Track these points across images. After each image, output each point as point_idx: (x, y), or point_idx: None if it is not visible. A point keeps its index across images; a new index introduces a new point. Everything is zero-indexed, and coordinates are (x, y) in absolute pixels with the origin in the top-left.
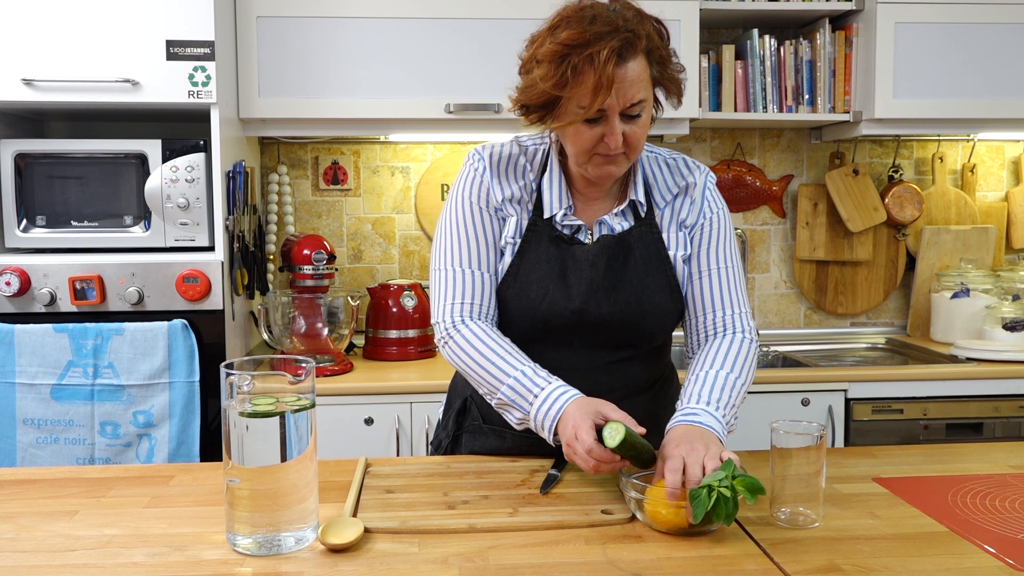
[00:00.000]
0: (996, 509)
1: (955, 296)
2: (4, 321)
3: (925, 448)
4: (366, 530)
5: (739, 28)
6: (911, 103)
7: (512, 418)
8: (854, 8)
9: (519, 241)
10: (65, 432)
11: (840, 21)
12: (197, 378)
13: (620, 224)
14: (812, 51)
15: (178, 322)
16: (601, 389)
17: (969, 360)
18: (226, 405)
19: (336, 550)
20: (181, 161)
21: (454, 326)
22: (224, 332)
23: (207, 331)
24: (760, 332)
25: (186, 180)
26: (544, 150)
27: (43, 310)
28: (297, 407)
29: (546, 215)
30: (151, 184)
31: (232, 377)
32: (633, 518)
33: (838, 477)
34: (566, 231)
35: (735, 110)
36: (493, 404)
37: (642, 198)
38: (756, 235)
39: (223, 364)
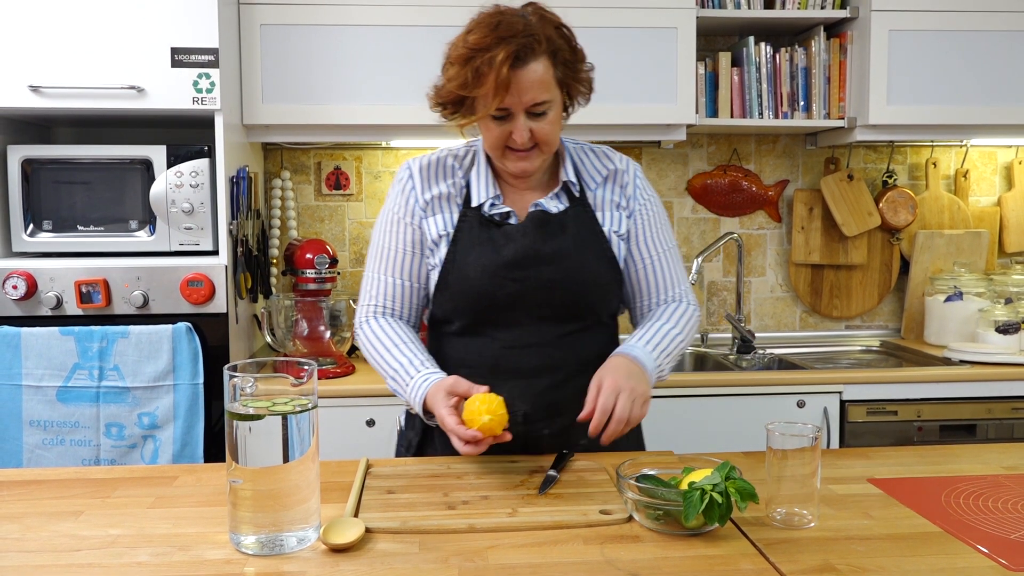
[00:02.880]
0: (989, 509)
1: (948, 299)
2: (11, 324)
3: (919, 449)
4: (367, 530)
5: (735, 36)
6: (905, 109)
7: (407, 407)
8: (849, 16)
9: (452, 231)
10: (71, 434)
11: (835, 29)
12: (201, 380)
13: (555, 207)
14: (807, 58)
15: (182, 325)
16: (555, 363)
17: (962, 362)
18: (229, 407)
19: (338, 550)
20: (186, 167)
21: (365, 322)
22: (228, 335)
23: (211, 334)
24: (756, 335)
25: (190, 185)
26: (474, 150)
27: (49, 313)
28: (299, 409)
29: (474, 204)
30: (156, 189)
31: (235, 379)
32: (631, 518)
33: (833, 478)
34: (496, 217)
35: (731, 116)
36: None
37: (574, 179)
38: (752, 239)
39: (226, 366)
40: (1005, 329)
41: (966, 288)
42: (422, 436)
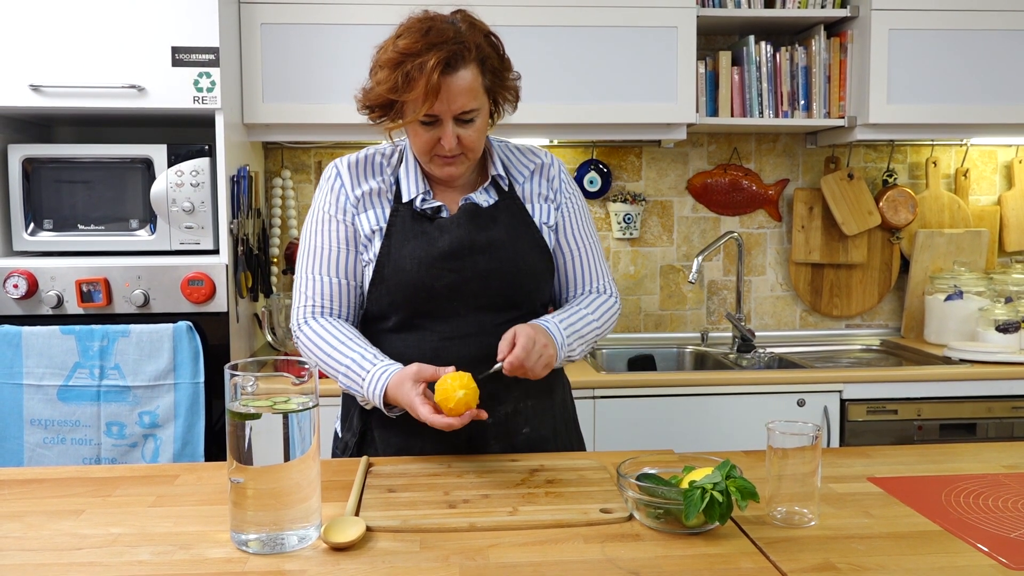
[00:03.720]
0: (989, 508)
1: (948, 298)
2: (12, 323)
3: (919, 448)
4: (368, 529)
5: (736, 35)
6: (905, 108)
7: (361, 402)
8: (849, 15)
9: (385, 226)
10: (72, 432)
11: (835, 28)
12: (202, 379)
13: (485, 201)
14: (807, 57)
15: (183, 324)
16: (494, 352)
17: (962, 361)
18: (230, 406)
19: (339, 549)
20: (186, 166)
21: (305, 323)
22: (228, 334)
23: (212, 333)
24: (756, 334)
25: (191, 184)
26: (401, 148)
27: (50, 312)
28: (300, 408)
29: (404, 200)
30: (157, 188)
31: (236, 378)
32: (631, 517)
33: (833, 477)
34: (428, 211)
35: (732, 115)
36: (343, 391)
37: (502, 173)
38: (752, 238)
39: (227, 365)
40: (1005, 328)
41: (966, 287)
42: (359, 438)
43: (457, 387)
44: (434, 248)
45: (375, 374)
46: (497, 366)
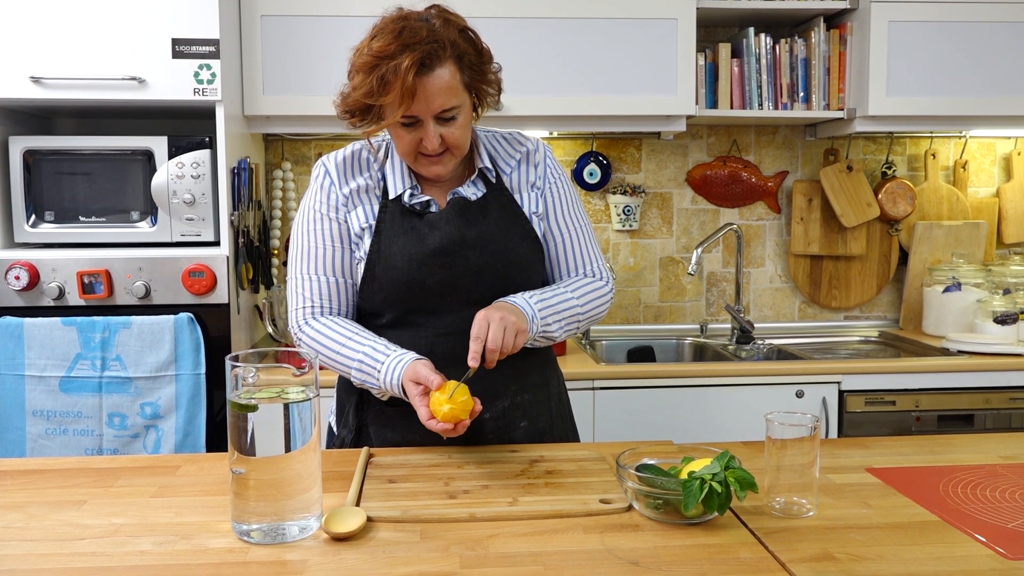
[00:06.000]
0: (987, 499)
1: (947, 290)
2: (13, 315)
3: (917, 439)
4: (369, 519)
5: (735, 26)
6: (904, 100)
7: (377, 394)
8: (848, 7)
9: (374, 223)
10: (74, 423)
11: (834, 20)
12: (203, 370)
13: (474, 194)
14: (807, 49)
15: (184, 315)
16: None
17: (960, 353)
18: (231, 397)
19: (339, 539)
20: (187, 157)
21: (305, 325)
22: (229, 325)
23: (213, 324)
24: (755, 325)
25: (192, 176)
26: (387, 143)
27: (52, 304)
28: (300, 398)
29: (391, 196)
30: (157, 180)
31: (237, 369)
32: (631, 507)
33: (832, 467)
34: (417, 207)
35: (731, 107)
36: (357, 385)
37: (489, 165)
38: (751, 230)
39: (228, 356)
40: (1003, 320)
41: (964, 279)
42: (355, 434)
43: (444, 401)
44: (425, 245)
45: (389, 365)
46: (469, 371)
